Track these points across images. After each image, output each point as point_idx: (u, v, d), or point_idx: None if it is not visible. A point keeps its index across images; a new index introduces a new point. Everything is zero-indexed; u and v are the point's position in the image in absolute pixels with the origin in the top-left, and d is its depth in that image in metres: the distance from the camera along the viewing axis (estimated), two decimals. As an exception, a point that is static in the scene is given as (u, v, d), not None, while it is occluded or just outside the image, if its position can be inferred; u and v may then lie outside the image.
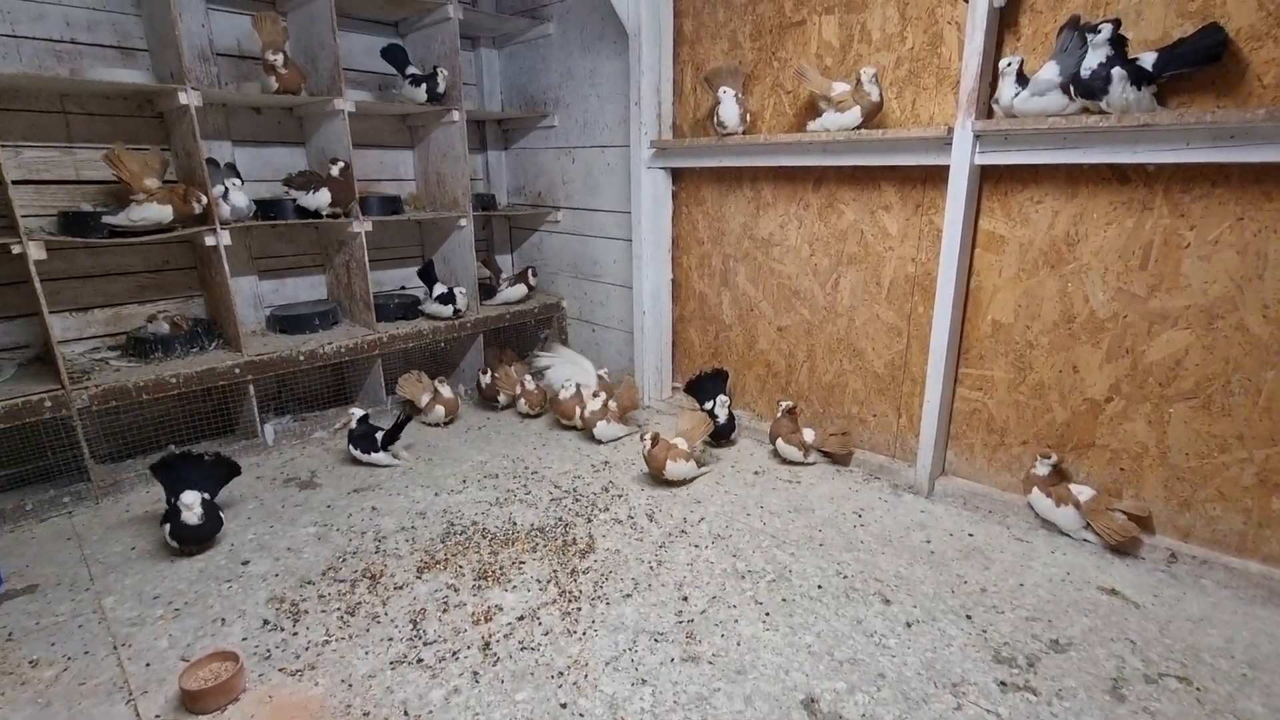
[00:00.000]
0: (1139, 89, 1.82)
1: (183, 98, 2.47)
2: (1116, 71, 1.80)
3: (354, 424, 2.80)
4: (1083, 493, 2.14)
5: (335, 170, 2.88)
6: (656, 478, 2.57)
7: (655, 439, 2.52)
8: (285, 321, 3.11)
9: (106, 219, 2.45)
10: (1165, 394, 2.03)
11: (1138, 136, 1.87)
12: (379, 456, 2.77)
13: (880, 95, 2.33)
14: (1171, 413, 2.03)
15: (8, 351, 2.62)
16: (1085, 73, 1.85)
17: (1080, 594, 1.92)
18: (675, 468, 2.52)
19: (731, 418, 2.89)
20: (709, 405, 2.90)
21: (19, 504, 2.35)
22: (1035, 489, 2.21)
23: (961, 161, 2.18)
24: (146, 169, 2.45)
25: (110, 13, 2.66)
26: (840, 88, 2.37)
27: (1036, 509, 2.24)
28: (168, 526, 2.12)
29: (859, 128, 2.37)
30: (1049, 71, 1.96)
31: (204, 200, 2.53)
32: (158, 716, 1.53)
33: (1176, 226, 1.94)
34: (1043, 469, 2.18)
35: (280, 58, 2.71)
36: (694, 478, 2.62)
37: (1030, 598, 1.91)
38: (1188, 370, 1.98)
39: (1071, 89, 1.91)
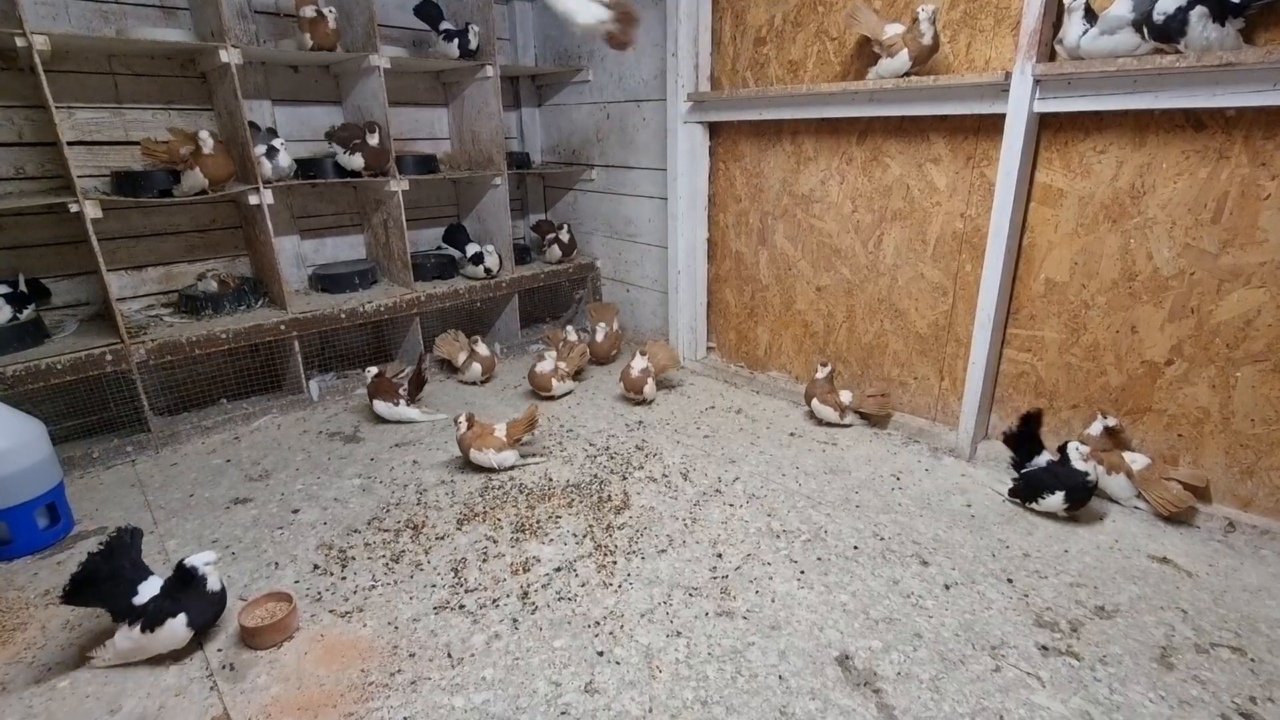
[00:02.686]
0: (1222, 25, 1.68)
1: (223, 56, 2.49)
2: (1196, 11, 1.65)
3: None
4: (1137, 461, 2.06)
5: (373, 141, 2.88)
6: (465, 460, 2.46)
7: (470, 421, 2.39)
8: (326, 280, 3.17)
9: (175, 191, 2.57)
10: (1232, 356, 1.92)
11: (1219, 78, 1.73)
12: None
13: (934, 37, 2.18)
14: (1238, 376, 1.92)
15: (69, 308, 2.74)
16: (1159, 16, 1.71)
17: (1129, 561, 1.87)
18: (480, 455, 2.37)
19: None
20: (1042, 459, 2.10)
21: (87, 452, 2.48)
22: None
23: (1019, 109, 2.06)
24: (178, 142, 2.54)
25: (151, -29, 2.67)
26: (891, 30, 2.24)
27: (1085, 475, 2.17)
28: (182, 617, 1.54)
29: (908, 74, 2.25)
30: (1121, 7, 1.82)
31: (208, 139, 2.50)
32: (220, 650, 1.62)
33: (1256, 176, 1.80)
34: (1096, 429, 2.10)
35: (332, 12, 2.73)
36: (511, 467, 2.42)
37: (1075, 564, 1.86)
38: (1259, 331, 1.87)
39: (1145, 30, 1.77)
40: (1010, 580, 1.80)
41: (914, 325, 2.60)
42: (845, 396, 2.68)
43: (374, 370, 2.83)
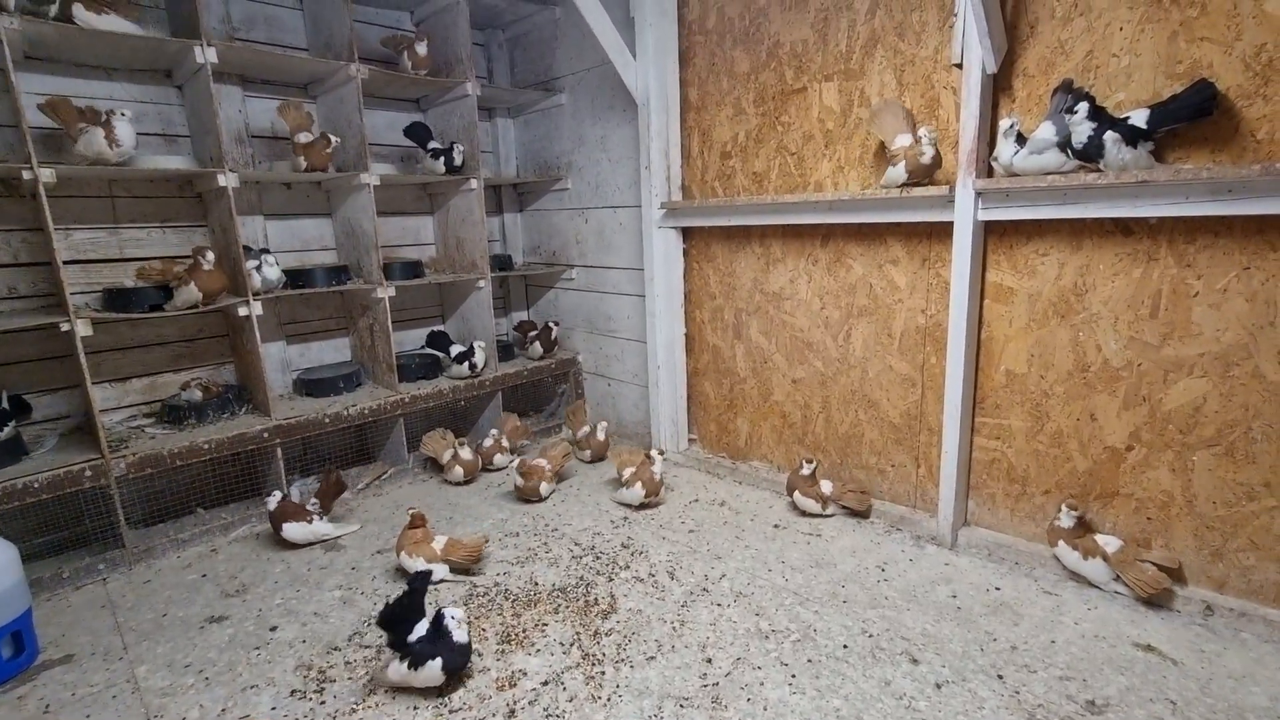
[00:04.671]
0: (1134, 147, 1.88)
1: (221, 180, 2.63)
2: (1109, 135, 1.86)
3: None
4: (1110, 544, 2.11)
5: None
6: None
7: (416, 521, 2.40)
8: (311, 385, 3.21)
9: (166, 306, 2.65)
10: (1187, 441, 2.02)
11: (1137, 192, 1.92)
12: None
13: (935, 157, 2.27)
14: (1195, 460, 2.01)
15: (49, 422, 2.73)
16: (1078, 144, 1.93)
17: (1115, 650, 1.88)
18: (409, 561, 2.36)
19: None
20: None
21: (56, 572, 2.41)
22: (1061, 541, 2.18)
23: (965, 218, 2.24)
24: (170, 264, 2.71)
25: (156, 104, 2.86)
26: (901, 141, 2.34)
27: (1064, 561, 2.20)
28: (438, 661, 1.77)
29: (905, 184, 2.34)
30: (1045, 131, 2.03)
31: (207, 256, 2.62)
32: (188, 792, 1.54)
33: (1183, 276, 1.97)
34: (1068, 520, 2.16)
35: (335, 140, 2.95)
36: (439, 581, 2.36)
37: (1063, 655, 1.87)
38: (1207, 417, 1.98)
39: (1068, 152, 1.98)
40: (1000, 676, 1.80)
41: (887, 415, 2.69)
42: (826, 487, 2.72)
43: (278, 495, 2.67)
